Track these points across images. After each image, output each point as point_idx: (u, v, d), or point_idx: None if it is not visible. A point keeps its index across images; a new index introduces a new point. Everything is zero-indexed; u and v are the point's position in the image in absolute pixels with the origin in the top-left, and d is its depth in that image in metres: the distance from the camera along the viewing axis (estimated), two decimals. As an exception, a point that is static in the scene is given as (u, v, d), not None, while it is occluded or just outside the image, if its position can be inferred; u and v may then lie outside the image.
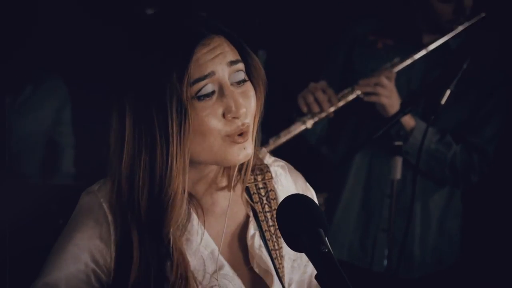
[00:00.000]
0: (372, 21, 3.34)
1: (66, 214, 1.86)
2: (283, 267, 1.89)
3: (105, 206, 1.76)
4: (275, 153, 3.16)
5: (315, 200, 1.98)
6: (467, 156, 3.19)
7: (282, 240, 1.87)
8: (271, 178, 1.91)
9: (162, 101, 1.66)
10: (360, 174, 3.34)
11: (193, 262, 1.79)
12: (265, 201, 1.89)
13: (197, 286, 1.77)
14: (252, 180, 1.89)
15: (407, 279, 3.32)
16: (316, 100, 3.11)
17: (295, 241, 1.58)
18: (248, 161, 1.84)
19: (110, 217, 1.75)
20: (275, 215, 1.89)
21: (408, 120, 3.12)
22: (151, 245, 1.73)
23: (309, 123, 3.12)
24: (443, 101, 2.89)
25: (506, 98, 3.18)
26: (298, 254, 1.90)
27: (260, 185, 1.90)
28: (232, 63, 1.72)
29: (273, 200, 1.90)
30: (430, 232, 3.33)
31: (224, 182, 1.87)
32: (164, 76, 1.65)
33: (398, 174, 3.01)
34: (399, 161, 3.00)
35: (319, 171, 3.74)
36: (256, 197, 1.89)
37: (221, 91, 1.70)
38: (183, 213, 1.76)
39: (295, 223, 1.60)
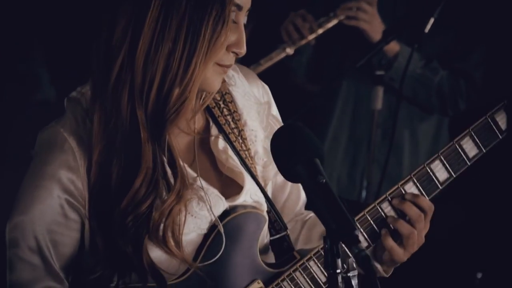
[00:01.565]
0: None
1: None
2: (255, 166, 1.88)
3: (65, 134, 1.72)
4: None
5: (268, 95, 1.98)
6: (454, 81, 3.15)
7: (248, 141, 1.87)
8: (224, 81, 1.88)
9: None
10: (347, 106, 3.30)
11: None
12: (222, 105, 1.88)
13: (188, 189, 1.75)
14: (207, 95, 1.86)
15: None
16: (296, 28, 3.07)
17: (291, 171, 1.53)
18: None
19: (73, 143, 1.71)
20: (236, 117, 1.87)
21: (393, 46, 3.07)
22: (155, 143, 1.69)
23: (290, 50, 3.08)
24: (426, 29, 2.84)
25: (492, 24, 3.14)
26: (267, 153, 1.88)
27: None
28: (248, 9, 1.73)
29: (231, 102, 1.89)
30: (418, 159, 3.30)
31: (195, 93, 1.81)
32: None
33: (379, 104, 2.97)
34: (380, 91, 2.97)
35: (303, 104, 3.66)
36: (212, 103, 1.87)
37: (235, 26, 1.70)
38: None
39: (290, 153, 1.54)
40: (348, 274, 1.49)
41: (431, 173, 1.90)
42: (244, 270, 1.82)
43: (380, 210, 1.90)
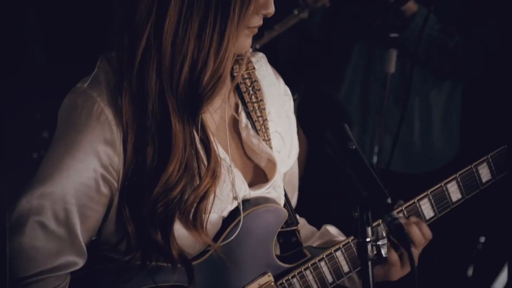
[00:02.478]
0: None
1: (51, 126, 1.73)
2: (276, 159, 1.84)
3: (102, 104, 1.63)
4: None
5: (290, 97, 1.94)
6: (469, 47, 3.09)
7: (270, 132, 1.83)
8: (254, 68, 1.86)
9: None
10: (358, 68, 3.25)
11: None
12: (251, 92, 1.84)
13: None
14: (238, 70, 1.82)
15: (406, 174, 3.29)
16: None
17: (320, 138, 1.49)
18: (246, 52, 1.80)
19: (110, 116, 1.62)
20: (261, 106, 1.83)
21: (411, 6, 3.00)
22: (188, 124, 1.64)
23: (304, 14, 3.02)
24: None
25: None
26: (282, 145, 1.86)
27: (245, 75, 1.85)
28: None
29: (258, 91, 1.85)
30: (431, 127, 3.27)
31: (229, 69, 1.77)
32: None
33: (392, 68, 2.92)
34: (393, 54, 2.91)
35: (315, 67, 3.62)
36: (243, 87, 1.84)
37: None
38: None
39: (318, 118, 1.50)
40: (378, 243, 1.46)
41: (445, 192, 1.93)
42: (256, 262, 1.81)
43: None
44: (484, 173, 1.96)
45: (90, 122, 1.62)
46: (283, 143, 1.87)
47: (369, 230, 1.44)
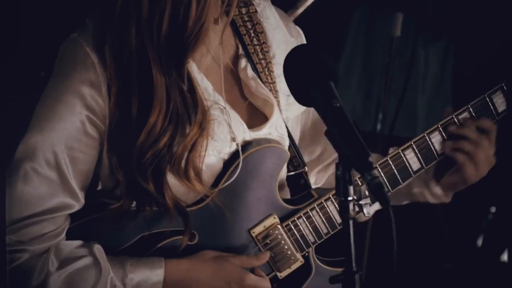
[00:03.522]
0: None
1: (47, 65, 1.76)
2: (279, 101, 1.83)
3: (88, 49, 1.65)
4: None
5: (302, 37, 1.91)
6: None
7: (275, 74, 1.82)
8: (256, 11, 1.84)
9: None
10: (359, 33, 3.22)
11: None
12: (252, 34, 1.83)
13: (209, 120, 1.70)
14: (237, 13, 1.82)
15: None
16: None
17: (304, 94, 1.46)
18: None
19: (95, 59, 1.65)
20: (264, 49, 1.82)
21: None
22: (173, 76, 1.64)
23: None
24: None
25: None
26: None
27: (246, 18, 1.84)
28: None
29: (261, 33, 1.84)
30: (431, 86, 3.26)
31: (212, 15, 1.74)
32: None
33: (398, 31, 2.88)
34: (400, 17, 2.87)
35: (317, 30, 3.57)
36: (243, 30, 1.83)
37: None
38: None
39: (304, 75, 1.47)
40: (360, 202, 1.44)
41: (429, 143, 1.88)
42: (261, 204, 1.79)
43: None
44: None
45: (75, 65, 1.65)
46: None
47: (351, 188, 1.42)
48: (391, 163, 1.87)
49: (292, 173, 1.87)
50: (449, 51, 3.27)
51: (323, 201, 1.83)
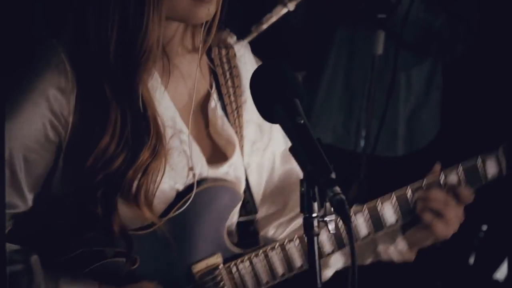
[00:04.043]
0: None
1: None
2: (242, 146, 1.85)
3: (63, 55, 1.69)
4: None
5: None
6: (453, 25, 3.06)
7: (243, 119, 1.84)
8: (235, 56, 1.88)
9: None
10: (342, 52, 3.22)
11: None
12: (228, 76, 1.86)
13: (166, 148, 1.72)
14: (217, 53, 1.86)
15: (391, 157, 3.28)
16: None
17: (269, 111, 1.49)
18: (213, 21, 1.77)
19: (69, 68, 1.68)
20: (237, 92, 1.85)
21: None
22: (123, 98, 1.66)
23: (291, 5, 3.00)
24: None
25: None
26: (258, 136, 1.87)
27: (224, 59, 1.87)
28: None
29: (236, 77, 1.87)
30: (413, 105, 3.26)
31: (190, 45, 1.82)
32: None
33: (380, 49, 2.89)
34: (381, 35, 2.88)
35: (298, 49, 3.62)
36: (219, 70, 1.86)
37: None
38: (153, 68, 1.71)
39: (270, 91, 1.49)
40: (325, 219, 1.45)
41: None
42: (207, 241, 1.81)
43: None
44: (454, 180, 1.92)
45: (49, 68, 1.68)
46: (260, 135, 1.88)
47: (315, 205, 1.43)
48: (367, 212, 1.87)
49: (244, 218, 1.89)
50: (436, 72, 3.26)
51: (268, 249, 1.84)
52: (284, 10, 3.00)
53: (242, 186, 1.86)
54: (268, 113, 1.49)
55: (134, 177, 1.67)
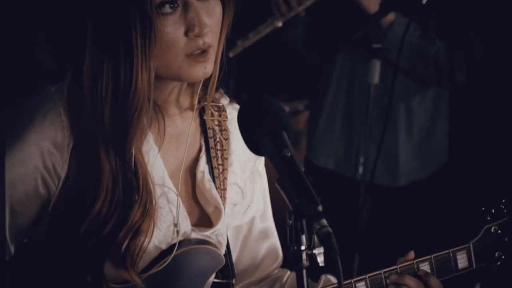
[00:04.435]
0: None
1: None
2: (224, 209, 1.84)
3: (62, 110, 1.67)
4: (256, 61, 3.07)
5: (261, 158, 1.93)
6: (452, 52, 3.06)
7: (227, 182, 1.84)
8: (226, 118, 1.87)
9: (124, 11, 1.59)
10: (342, 80, 3.23)
11: None
12: (217, 139, 1.85)
13: (156, 207, 1.71)
14: (210, 115, 1.85)
15: (393, 187, 3.27)
16: (285, 0, 3.02)
17: (257, 144, 1.49)
18: (212, 80, 1.77)
19: (66, 122, 1.66)
20: (225, 155, 1.85)
21: (388, 16, 2.98)
22: (116, 159, 1.66)
23: (278, 23, 3.02)
24: (424, 1, 2.76)
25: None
26: (240, 199, 1.87)
27: (216, 122, 1.86)
28: None
29: (226, 140, 1.86)
30: (415, 136, 3.25)
31: (186, 104, 1.81)
32: None
33: (375, 78, 2.89)
34: (377, 65, 2.89)
35: (299, 77, 3.63)
36: (210, 133, 1.85)
37: (185, 7, 1.63)
38: (146, 127, 1.70)
39: (257, 125, 1.50)
40: (313, 251, 1.44)
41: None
42: None
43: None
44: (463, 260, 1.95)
45: (45, 121, 1.66)
46: (242, 197, 1.88)
47: (303, 238, 1.42)
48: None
49: (219, 280, 1.87)
50: (440, 102, 3.25)
51: None
52: (271, 27, 3.05)
53: (223, 251, 1.85)
54: (256, 147, 1.50)
55: (124, 238, 1.66)
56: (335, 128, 3.28)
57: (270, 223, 1.97)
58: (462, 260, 1.95)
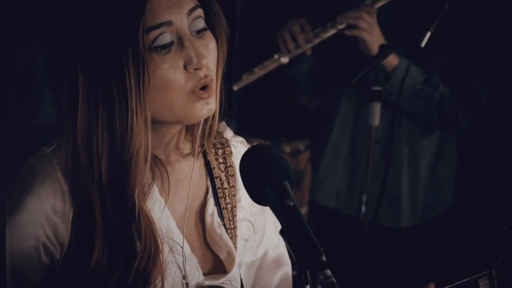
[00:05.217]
0: None
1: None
2: (236, 247, 1.81)
3: (59, 173, 1.62)
4: (257, 101, 3.08)
5: None
6: (455, 98, 3.08)
7: (237, 219, 1.81)
8: (231, 153, 1.83)
9: (116, 51, 1.55)
10: (347, 121, 3.25)
11: None
12: (224, 177, 1.81)
13: (163, 257, 1.68)
14: (213, 154, 1.81)
15: (396, 229, 3.26)
16: (293, 37, 3.03)
17: (259, 194, 1.49)
18: (212, 122, 1.75)
19: (65, 187, 1.62)
20: (232, 193, 1.82)
21: (391, 59, 3.00)
22: (115, 210, 1.62)
23: (284, 59, 3.04)
24: (423, 44, 2.78)
25: (500, 39, 3.06)
26: (251, 234, 1.84)
27: (220, 160, 1.82)
28: (191, 10, 1.61)
29: (231, 176, 1.82)
30: (419, 179, 3.24)
31: (187, 148, 1.77)
32: (117, 24, 1.55)
33: (376, 121, 2.90)
34: (377, 107, 2.90)
35: (301, 117, 3.64)
36: (216, 172, 1.81)
37: (180, 42, 1.60)
38: (147, 173, 1.66)
39: (259, 175, 1.50)
40: (319, 302, 1.44)
41: None
42: None
43: None
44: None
45: (43, 189, 1.62)
46: (253, 231, 1.85)
47: (307, 288, 1.42)
48: None
49: None
50: (446, 145, 3.26)
51: None
52: (277, 63, 3.06)
53: None
54: (258, 197, 1.50)
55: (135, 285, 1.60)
56: (338, 166, 3.29)
57: (282, 249, 1.91)
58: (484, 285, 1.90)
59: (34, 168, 1.65)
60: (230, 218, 1.80)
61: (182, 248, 1.72)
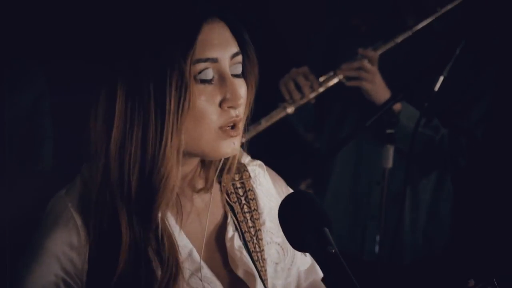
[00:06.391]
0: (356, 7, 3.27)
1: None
2: (265, 270, 1.82)
3: (72, 210, 1.67)
4: (258, 139, 3.12)
5: None
6: (454, 139, 3.15)
7: (264, 242, 1.83)
8: (249, 177, 1.87)
9: (162, 74, 1.59)
10: (348, 161, 3.29)
11: None
12: (243, 201, 1.84)
13: (184, 278, 1.70)
14: (230, 180, 1.84)
15: (397, 265, 3.29)
16: (297, 86, 3.06)
17: (300, 242, 1.51)
18: (232, 160, 1.81)
19: (79, 221, 1.66)
20: (255, 216, 1.84)
21: (396, 105, 3.06)
22: (140, 228, 1.65)
23: (290, 109, 3.08)
24: (436, 88, 2.83)
25: (493, 80, 3.13)
26: (281, 257, 1.86)
27: (238, 185, 1.85)
28: (235, 55, 1.68)
29: (252, 200, 1.85)
30: (420, 216, 3.30)
31: (200, 184, 1.80)
32: (167, 49, 1.60)
33: (390, 163, 2.94)
34: (390, 150, 2.94)
35: (302, 158, 3.67)
36: (234, 197, 1.84)
37: (221, 79, 1.65)
38: (174, 197, 1.69)
39: (299, 223, 1.52)
40: None
41: None
42: None
43: None
44: None
45: (58, 226, 1.66)
46: (283, 253, 1.86)
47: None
48: None
49: None
50: (444, 182, 3.31)
51: None
52: (283, 113, 3.08)
53: None
54: (299, 244, 1.52)
55: None
56: (339, 208, 3.32)
57: (316, 276, 1.92)
58: None
59: (50, 210, 1.71)
60: (255, 241, 1.82)
61: (200, 272, 1.73)
